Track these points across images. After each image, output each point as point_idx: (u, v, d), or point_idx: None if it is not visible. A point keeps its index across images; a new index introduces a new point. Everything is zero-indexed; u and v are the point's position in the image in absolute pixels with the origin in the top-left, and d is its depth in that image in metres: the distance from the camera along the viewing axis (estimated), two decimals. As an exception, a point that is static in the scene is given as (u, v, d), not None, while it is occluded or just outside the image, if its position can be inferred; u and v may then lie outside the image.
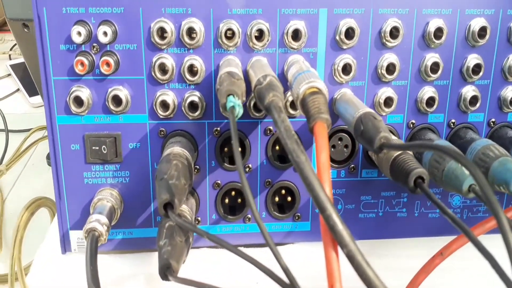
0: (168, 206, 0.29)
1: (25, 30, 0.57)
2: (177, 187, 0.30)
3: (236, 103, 0.28)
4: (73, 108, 0.35)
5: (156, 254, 0.39)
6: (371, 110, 0.32)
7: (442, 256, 0.34)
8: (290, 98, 0.37)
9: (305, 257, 0.40)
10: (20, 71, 0.98)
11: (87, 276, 0.30)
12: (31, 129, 0.74)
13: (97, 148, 0.36)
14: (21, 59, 1.04)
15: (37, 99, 0.87)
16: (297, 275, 0.39)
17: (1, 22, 1.27)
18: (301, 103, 0.29)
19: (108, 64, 0.34)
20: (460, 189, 0.32)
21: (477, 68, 0.39)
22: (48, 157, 0.69)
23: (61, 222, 0.38)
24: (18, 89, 0.93)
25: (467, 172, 0.32)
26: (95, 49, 0.35)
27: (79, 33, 0.34)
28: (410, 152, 0.36)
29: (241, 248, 0.41)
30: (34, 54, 0.59)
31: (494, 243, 0.27)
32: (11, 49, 1.11)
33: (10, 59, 1.07)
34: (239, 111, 0.28)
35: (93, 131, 0.36)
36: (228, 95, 0.29)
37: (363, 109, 0.32)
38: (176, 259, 0.30)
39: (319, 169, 0.25)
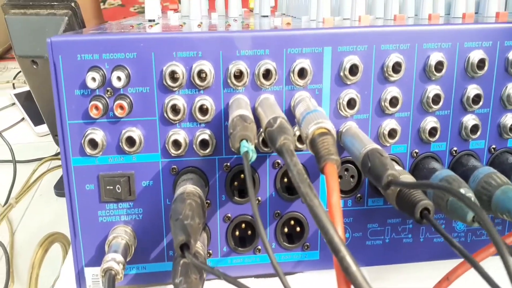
0: (184, 246, 0.30)
1: (34, 66, 0.58)
2: (192, 226, 0.31)
3: (250, 149, 0.29)
4: (88, 150, 0.36)
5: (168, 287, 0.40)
6: (377, 146, 0.33)
7: (448, 281, 0.35)
8: (297, 133, 0.38)
9: (314, 285, 0.41)
10: (24, 100, 1.00)
11: None
12: (39, 158, 0.75)
13: (111, 187, 0.37)
14: (25, 88, 1.05)
15: (43, 128, 0.88)
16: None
17: (4, 50, 1.28)
18: (310, 144, 0.30)
19: (121, 107, 0.36)
20: (464, 219, 0.33)
21: (476, 98, 0.40)
22: (55, 187, 0.70)
23: (76, 259, 0.39)
24: (23, 118, 0.95)
25: (472, 203, 0.33)
26: (109, 93, 0.36)
27: (94, 79, 0.35)
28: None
29: (252, 279, 0.42)
30: (43, 88, 0.61)
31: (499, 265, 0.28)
32: (14, 78, 1.12)
33: (14, 88, 1.08)
34: (253, 155, 0.29)
35: (107, 171, 0.37)
36: (242, 139, 0.30)
37: (369, 144, 0.33)
38: (193, 296, 0.31)
39: (331, 211, 0.26)
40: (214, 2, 0.68)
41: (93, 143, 0.36)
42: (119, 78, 0.35)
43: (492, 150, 0.42)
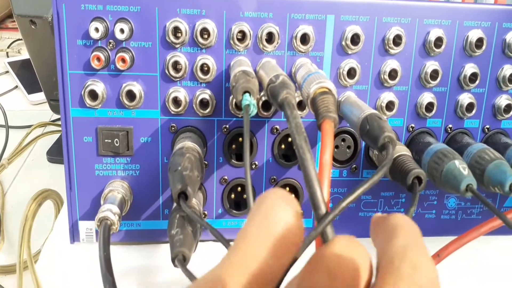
0: (182, 195, 0.31)
1: (32, 26, 0.58)
2: (191, 178, 0.31)
3: (251, 102, 0.30)
4: (88, 101, 0.36)
5: (162, 246, 0.41)
6: (376, 111, 0.33)
7: (438, 257, 0.36)
8: (297, 99, 0.38)
9: (307, 252, 0.42)
10: (18, 68, 0.99)
11: (100, 263, 0.31)
12: (31, 125, 0.74)
13: (110, 141, 0.37)
14: (19, 57, 1.04)
15: (36, 97, 0.88)
16: (299, 267, 0.41)
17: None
18: (311, 102, 0.31)
19: (123, 60, 0.36)
20: (458, 189, 0.34)
21: (473, 77, 0.41)
22: (48, 153, 0.70)
23: (71, 213, 0.39)
24: (16, 86, 0.94)
25: (464, 172, 0.34)
26: (111, 45, 0.36)
27: (97, 29, 0.35)
28: (410, 154, 0.37)
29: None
30: (40, 50, 0.61)
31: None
32: (8, 47, 1.11)
33: (8, 56, 1.07)
34: (253, 110, 0.30)
35: (106, 125, 0.37)
36: (244, 92, 0.30)
37: (368, 110, 0.34)
38: (188, 247, 0.31)
39: (321, 166, 0.26)
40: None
41: (93, 95, 0.36)
42: (122, 31, 0.35)
43: (486, 130, 0.43)
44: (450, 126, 0.42)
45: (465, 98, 0.41)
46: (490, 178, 0.36)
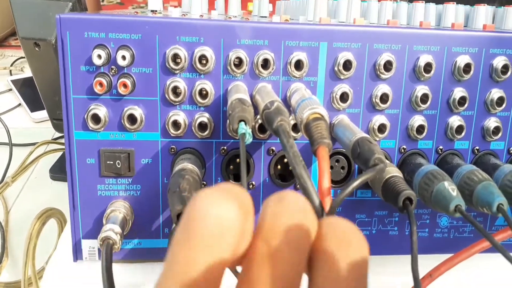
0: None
1: (36, 48, 0.60)
2: (189, 199, 0.32)
3: (247, 131, 0.31)
4: (91, 124, 0.38)
5: (163, 264, 0.42)
6: (367, 135, 0.35)
7: (431, 278, 0.37)
8: (292, 122, 0.40)
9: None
10: (21, 86, 1.01)
11: (103, 281, 0.32)
12: (34, 143, 0.76)
13: (111, 162, 0.39)
14: (22, 75, 1.07)
15: (39, 114, 0.89)
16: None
17: (1, 38, 1.29)
18: (305, 128, 0.32)
19: (125, 85, 0.37)
20: (447, 209, 0.35)
21: (462, 100, 0.42)
22: (51, 170, 0.71)
23: (74, 231, 0.40)
24: (19, 104, 0.96)
25: (453, 193, 0.35)
26: (113, 71, 0.38)
27: (99, 56, 0.37)
28: (401, 175, 0.39)
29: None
30: (44, 71, 0.62)
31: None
32: (11, 65, 1.13)
33: (11, 74, 1.09)
34: (249, 138, 0.31)
35: (108, 147, 0.39)
36: (240, 121, 0.32)
37: (359, 134, 0.35)
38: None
39: (322, 194, 0.27)
40: (213, 3, 0.70)
41: (96, 118, 0.38)
42: (123, 57, 0.37)
43: (476, 151, 0.44)
44: (441, 147, 0.43)
45: (455, 121, 0.43)
46: (478, 198, 0.37)
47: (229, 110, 0.34)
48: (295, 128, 0.40)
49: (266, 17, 0.62)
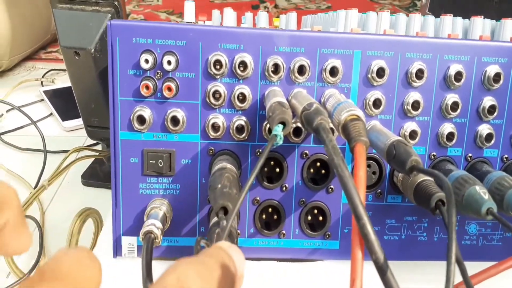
0: (222, 210, 0.33)
1: (76, 57, 0.63)
2: (230, 195, 0.34)
3: (279, 135, 0.33)
4: (136, 125, 0.40)
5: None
6: (401, 138, 0.36)
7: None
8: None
9: (334, 273, 0.44)
10: (52, 96, 1.04)
11: (142, 275, 0.33)
12: (66, 150, 0.78)
13: (154, 162, 0.41)
14: (53, 86, 1.10)
15: (70, 123, 0.93)
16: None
17: (32, 51, 1.34)
18: (343, 128, 0.34)
19: (170, 89, 0.39)
20: (479, 212, 0.36)
21: (492, 109, 0.43)
22: (83, 176, 0.73)
23: (115, 228, 0.42)
24: (51, 114, 0.99)
25: (485, 197, 0.36)
26: (158, 75, 0.40)
27: (146, 61, 0.39)
28: (432, 179, 0.40)
29: (275, 262, 0.45)
30: (82, 79, 0.65)
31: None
32: (43, 76, 1.17)
33: (42, 85, 1.13)
34: (279, 141, 0.33)
35: (151, 147, 0.41)
36: (280, 122, 0.33)
37: (394, 137, 0.36)
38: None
39: (357, 182, 0.29)
40: (241, 19, 0.73)
41: (141, 119, 0.40)
42: (169, 62, 0.39)
43: (505, 159, 0.45)
44: (470, 155, 0.44)
45: (484, 129, 0.44)
46: (509, 203, 0.38)
47: (269, 112, 0.35)
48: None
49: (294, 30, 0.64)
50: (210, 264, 0.20)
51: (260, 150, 0.42)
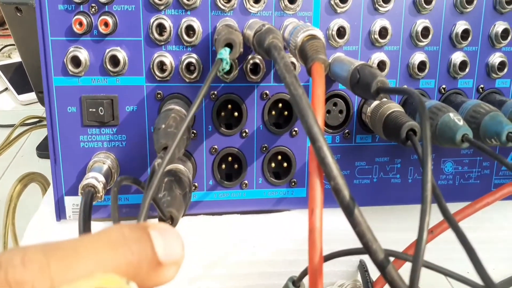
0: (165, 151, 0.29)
1: (18, 14, 0.57)
2: (175, 135, 0.30)
3: (225, 59, 0.28)
4: (71, 68, 0.35)
5: (152, 221, 0.39)
6: (367, 62, 0.32)
7: (432, 234, 0.34)
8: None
9: (301, 223, 0.40)
10: (8, 72, 0.98)
11: (79, 227, 0.29)
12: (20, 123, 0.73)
13: (94, 110, 0.36)
14: (8, 61, 1.04)
15: (26, 97, 0.87)
16: (292, 239, 0.39)
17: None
18: (300, 50, 0.30)
19: (106, 23, 0.35)
20: (454, 140, 0.33)
21: (465, 34, 0.40)
22: (38, 148, 0.68)
23: (56, 188, 0.37)
24: (6, 89, 0.93)
25: (460, 123, 0.33)
26: (93, 9, 0.35)
27: (78, -7, 0.34)
28: (403, 110, 0.36)
29: (238, 216, 0.41)
30: (26, 38, 0.60)
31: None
32: (-2, 52, 1.11)
33: (-3, 60, 1.07)
34: (226, 67, 0.29)
35: (90, 93, 0.36)
36: (227, 44, 0.29)
37: (358, 62, 0.33)
38: (176, 208, 0.30)
39: (314, 102, 0.25)
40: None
41: (76, 61, 0.35)
42: (104, -7, 0.34)
43: (481, 89, 0.42)
44: (444, 86, 0.41)
45: (458, 57, 0.40)
46: (486, 129, 0.35)
47: (215, 35, 0.31)
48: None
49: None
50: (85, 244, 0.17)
51: (215, 93, 0.38)
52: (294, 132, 0.40)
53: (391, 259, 0.22)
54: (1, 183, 0.62)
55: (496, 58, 0.41)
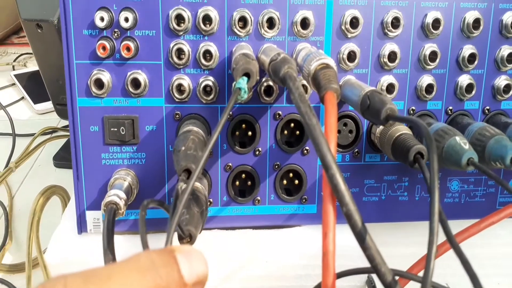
0: (186, 173, 0.31)
1: (39, 30, 0.59)
2: (195, 157, 0.32)
3: (243, 88, 0.30)
4: (94, 90, 0.37)
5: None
6: (376, 88, 0.34)
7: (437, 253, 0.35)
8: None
9: (311, 239, 0.42)
10: (24, 80, 1.00)
11: (103, 249, 0.30)
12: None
13: (116, 129, 0.38)
14: (25, 70, 1.06)
15: (42, 106, 0.89)
16: (303, 254, 0.41)
17: (3, 36, 1.29)
18: (313, 78, 0.31)
19: (128, 48, 0.37)
20: (459, 163, 0.34)
21: (471, 58, 0.41)
22: (55, 158, 0.70)
23: (78, 203, 0.39)
24: (22, 97, 0.95)
25: (465, 147, 0.34)
26: (116, 34, 0.37)
27: (102, 18, 0.36)
28: (411, 133, 0.38)
29: (250, 231, 0.43)
30: (46, 54, 0.62)
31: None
32: (15, 60, 1.13)
33: (14, 69, 1.09)
34: (244, 95, 0.30)
35: (112, 114, 0.38)
36: (244, 74, 0.31)
37: (368, 88, 0.34)
38: (194, 226, 0.31)
39: (327, 130, 0.26)
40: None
41: (99, 84, 0.37)
42: (126, 19, 0.36)
43: (486, 111, 0.43)
44: (451, 108, 0.42)
45: (465, 80, 0.42)
46: (491, 153, 0.36)
47: (233, 64, 0.33)
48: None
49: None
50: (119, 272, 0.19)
51: (231, 113, 0.40)
52: (305, 151, 0.41)
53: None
54: (20, 191, 0.64)
55: (502, 81, 0.42)
